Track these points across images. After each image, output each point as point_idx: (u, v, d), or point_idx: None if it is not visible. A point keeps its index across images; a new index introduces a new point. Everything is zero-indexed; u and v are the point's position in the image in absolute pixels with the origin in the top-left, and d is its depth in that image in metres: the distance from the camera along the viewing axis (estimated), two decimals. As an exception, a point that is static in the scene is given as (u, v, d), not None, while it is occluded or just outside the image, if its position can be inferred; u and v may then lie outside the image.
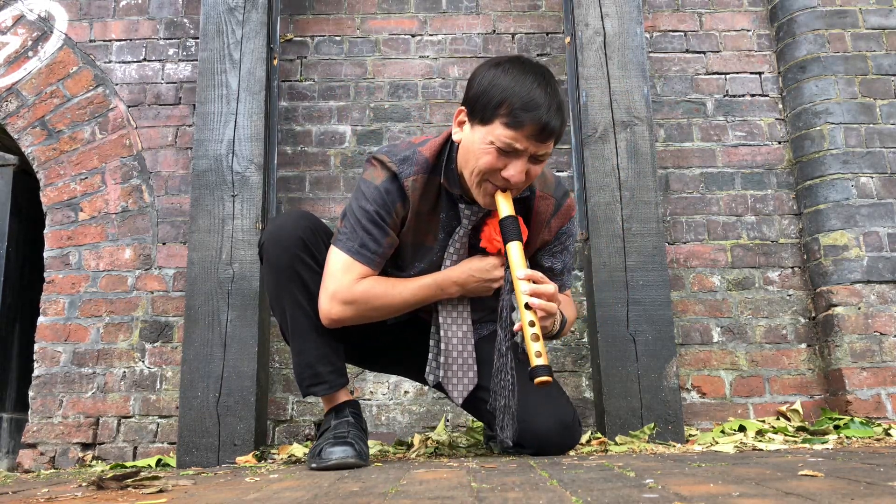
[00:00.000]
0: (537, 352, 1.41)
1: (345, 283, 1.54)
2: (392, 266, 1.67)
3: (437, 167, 1.58)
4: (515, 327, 1.47)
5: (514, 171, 1.45)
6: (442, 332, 1.65)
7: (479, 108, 1.47)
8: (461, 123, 1.54)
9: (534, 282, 1.46)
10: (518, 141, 1.43)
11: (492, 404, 1.55)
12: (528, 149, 1.44)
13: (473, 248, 1.64)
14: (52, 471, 2.21)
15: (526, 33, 2.73)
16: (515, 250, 1.49)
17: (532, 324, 1.43)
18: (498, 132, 1.43)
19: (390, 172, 1.56)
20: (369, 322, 1.61)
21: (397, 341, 1.77)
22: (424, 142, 1.61)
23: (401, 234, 1.62)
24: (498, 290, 1.63)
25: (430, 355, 1.68)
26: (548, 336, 1.55)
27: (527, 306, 1.44)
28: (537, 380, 1.40)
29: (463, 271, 1.60)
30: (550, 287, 1.47)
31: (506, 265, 1.54)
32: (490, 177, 1.49)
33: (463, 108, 1.53)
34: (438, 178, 1.58)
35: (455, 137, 1.55)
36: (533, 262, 1.70)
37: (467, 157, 1.51)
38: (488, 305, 1.74)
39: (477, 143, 1.47)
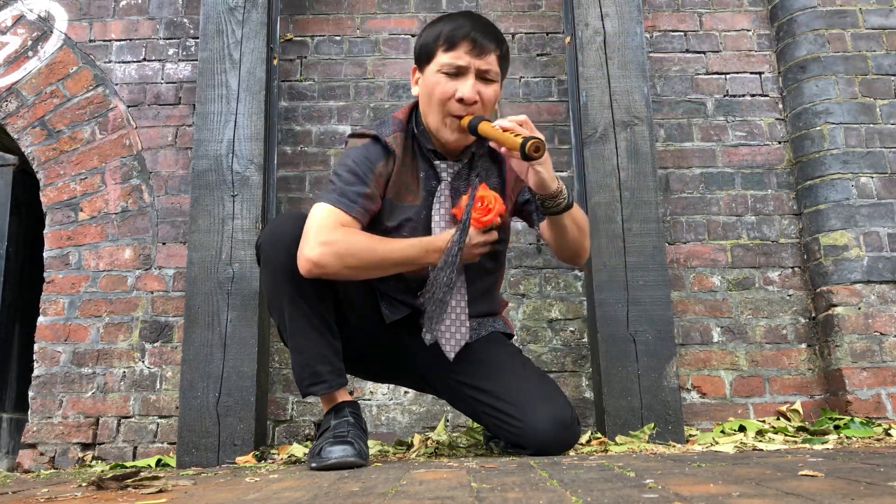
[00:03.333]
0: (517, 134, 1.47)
1: (325, 226, 1.53)
2: (377, 229, 1.66)
3: (411, 126, 1.69)
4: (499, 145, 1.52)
5: (464, 88, 1.58)
6: (430, 288, 1.63)
7: (422, 54, 1.66)
8: (416, 81, 1.69)
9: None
10: (459, 58, 1.59)
11: (425, 302, 1.62)
12: (470, 65, 1.59)
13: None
14: (52, 471, 2.21)
15: (526, 33, 2.73)
16: (486, 125, 1.56)
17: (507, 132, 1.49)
18: (441, 59, 1.61)
19: (370, 136, 1.65)
20: (350, 279, 1.57)
21: (392, 347, 1.76)
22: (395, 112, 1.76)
23: (385, 193, 1.64)
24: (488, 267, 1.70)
25: (425, 315, 1.65)
26: (557, 200, 1.58)
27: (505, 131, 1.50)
28: (529, 144, 1.43)
29: (446, 240, 1.59)
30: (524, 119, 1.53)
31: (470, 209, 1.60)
32: (448, 106, 1.60)
33: (415, 65, 1.70)
34: (413, 136, 1.68)
35: (414, 93, 1.70)
36: (515, 205, 1.78)
37: (425, 101, 1.64)
38: (486, 301, 1.74)
39: (429, 80, 1.62)
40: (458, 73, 1.59)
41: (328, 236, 1.51)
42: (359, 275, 1.57)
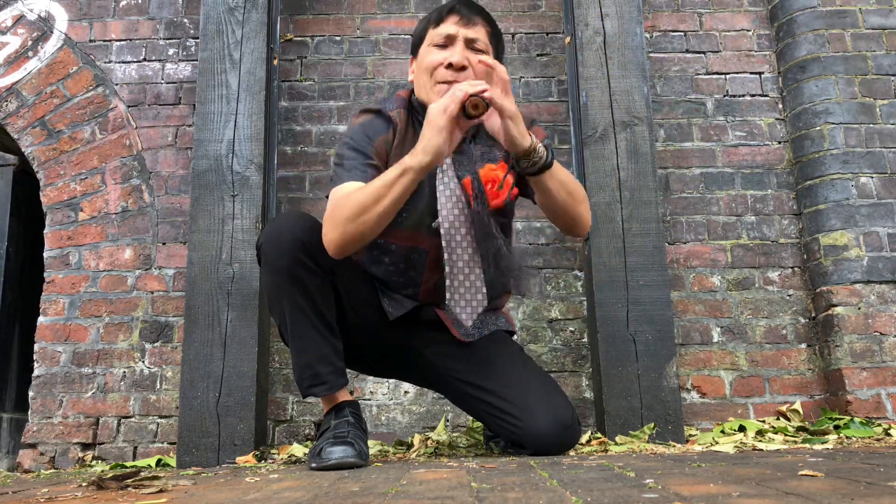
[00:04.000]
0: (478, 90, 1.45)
1: (332, 203, 1.56)
2: None
3: (413, 102, 1.73)
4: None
5: (454, 54, 1.62)
6: (447, 256, 1.67)
7: (415, 39, 1.73)
8: (413, 69, 1.74)
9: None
10: (447, 29, 1.64)
11: (491, 273, 1.65)
12: (458, 33, 1.63)
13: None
14: (52, 471, 2.21)
15: (526, 33, 2.73)
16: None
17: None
18: (431, 35, 1.67)
19: (374, 111, 1.70)
20: (370, 235, 1.53)
21: (395, 344, 1.76)
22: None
23: (388, 164, 1.62)
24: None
25: (445, 286, 1.68)
26: (533, 160, 1.51)
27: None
28: (468, 101, 1.43)
29: (415, 154, 1.49)
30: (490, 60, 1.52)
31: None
32: (438, 74, 1.63)
33: (412, 56, 1.75)
34: (414, 112, 1.72)
35: (410, 79, 1.75)
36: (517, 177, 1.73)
37: (419, 75, 1.68)
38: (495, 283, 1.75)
39: (421, 57, 1.68)
40: (447, 43, 1.64)
41: (329, 211, 1.55)
42: (372, 227, 1.50)
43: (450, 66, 1.61)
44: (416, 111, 1.71)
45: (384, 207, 1.48)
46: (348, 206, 1.50)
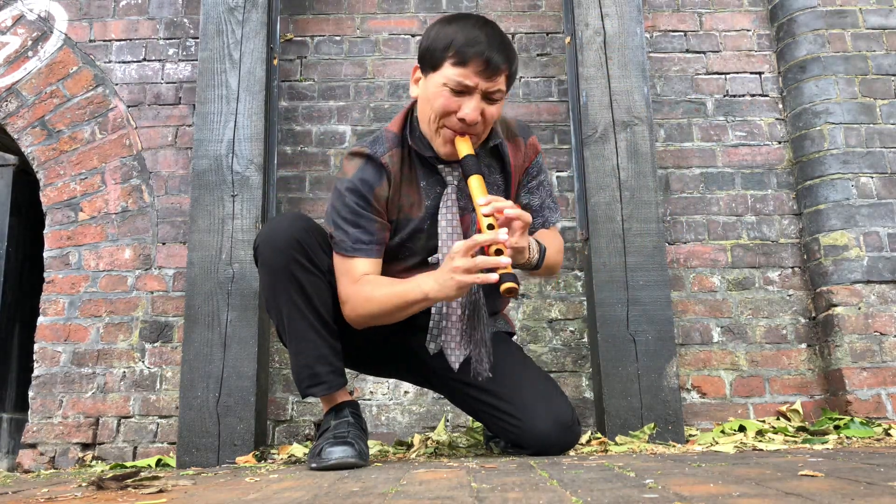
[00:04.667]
0: (504, 264, 1.40)
1: (347, 287, 1.59)
2: (389, 245, 1.67)
3: (405, 138, 1.64)
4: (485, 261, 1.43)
5: (468, 109, 1.51)
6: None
7: (428, 57, 1.56)
8: (417, 80, 1.62)
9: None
10: (467, 77, 1.50)
11: (451, 344, 1.63)
12: (478, 85, 1.51)
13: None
14: (52, 471, 2.21)
15: (526, 33, 2.73)
16: (476, 182, 1.52)
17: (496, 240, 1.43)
18: (448, 73, 1.52)
19: (364, 157, 1.62)
20: (390, 323, 1.61)
21: (394, 345, 1.76)
22: (389, 121, 1.70)
23: (388, 214, 1.64)
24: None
25: (430, 323, 1.67)
26: (527, 265, 1.59)
27: (490, 227, 1.45)
28: (503, 287, 1.38)
29: (434, 272, 1.55)
30: (511, 206, 1.47)
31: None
32: (446, 121, 1.55)
33: (417, 65, 1.61)
34: (408, 147, 1.64)
35: (413, 94, 1.63)
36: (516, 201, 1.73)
37: (424, 107, 1.58)
38: (492, 299, 1.74)
39: (431, 90, 1.55)
40: (463, 90, 1.52)
41: (345, 292, 1.58)
42: (385, 322, 1.60)
43: (462, 119, 1.53)
44: (413, 147, 1.63)
45: (402, 316, 1.58)
46: (369, 306, 1.56)
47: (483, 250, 1.45)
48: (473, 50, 1.49)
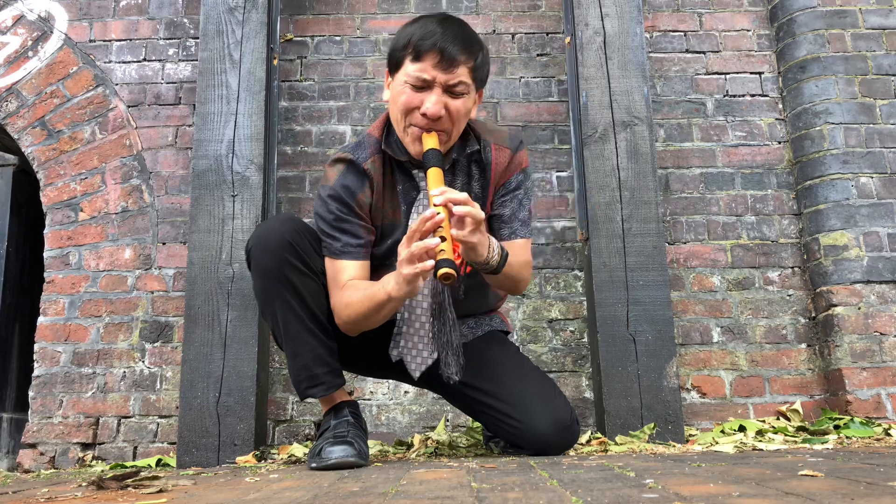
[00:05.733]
0: (440, 249, 1.36)
1: (335, 296, 1.59)
2: (375, 252, 1.66)
3: (382, 143, 1.64)
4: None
5: (429, 103, 1.51)
6: (406, 301, 1.62)
7: (392, 59, 1.59)
8: (388, 84, 1.62)
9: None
10: (425, 71, 1.51)
11: (437, 349, 1.61)
12: (436, 78, 1.51)
13: None
14: (52, 471, 2.21)
15: (526, 33, 2.73)
16: (433, 174, 1.50)
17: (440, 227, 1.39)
18: (408, 69, 1.53)
19: (346, 162, 1.62)
20: (376, 326, 1.59)
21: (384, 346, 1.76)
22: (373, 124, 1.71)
23: (372, 218, 1.64)
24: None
25: (394, 330, 1.66)
26: (486, 267, 1.53)
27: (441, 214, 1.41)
28: (439, 272, 1.34)
29: (392, 280, 1.49)
30: (466, 199, 1.43)
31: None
32: (411, 118, 1.55)
33: (387, 69, 1.63)
34: (386, 153, 1.63)
35: (384, 98, 1.64)
36: (491, 211, 1.70)
37: (393, 108, 1.59)
38: (480, 297, 1.74)
39: (396, 89, 1.56)
40: (424, 85, 1.52)
41: (333, 302, 1.58)
42: (368, 326, 1.58)
43: (424, 114, 1.52)
44: (390, 152, 1.62)
45: (380, 318, 1.56)
46: (348, 312, 1.55)
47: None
48: (428, 42, 1.51)
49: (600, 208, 2.24)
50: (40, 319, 2.45)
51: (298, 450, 2.02)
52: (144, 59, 2.68)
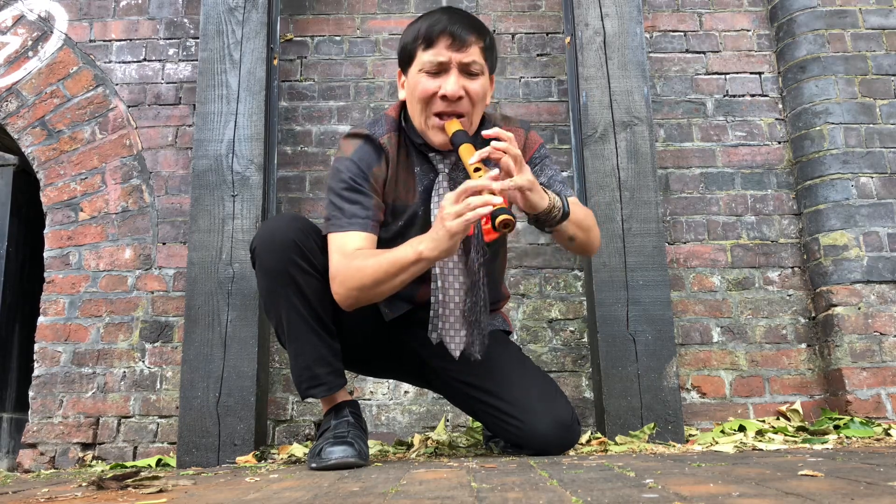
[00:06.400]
0: (494, 199, 1.35)
1: (339, 262, 1.53)
2: (385, 232, 1.65)
3: (401, 124, 1.67)
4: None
5: (448, 85, 1.54)
6: (440, 283, 1.61)
7: (403, 55, 1.63)
8: (402, 84, 1.66)
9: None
10: (439, 54, 1.54)
11: (466, 327, 1.60)
12: (451, 59, 1.55)
13: None
14: (52, 471, 2.21)
15: (526, 33, 2.73)
16: (465, 149, 1.49)
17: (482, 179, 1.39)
18: (422, 59, 1.57)
19: (363, 136, 1.63)
20: (374, 300, 1.57)
21: (392, 345, 1.76)
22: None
23: (384, 196, 1.63)
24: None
25: (430, 313, 1.63)
26: (550, 214, 1.50)
27: (476, 170, 1.43)
28: (498, 219, 1.33)
29: (430, 235, 1.47)
30: (505, 145, 1.42)
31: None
32: (432, 106, 1.57)
33: (399, 69, 1.67)
34: (404, 133, 1.65)
35: (401, 97, 1.67)
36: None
37: (411, 102, 1.61)
38: (492, 290, 1.73)
39: (412, 82, 1.59)
40: (440, 70, 1.55)
41: (336, 267, 1.53)
42: (376, 295, 1.53)
43: (444, 97, 1.54)
44: (408, 134, 1.65)
45: (395, 285, 1.50)
46: (360, 276, 1.49)
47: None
48: (438, 28, 1.54)
49: (600, 208, 2.24)
50: (40, 319, 2.45)
51: (298, 450, 2.02)
52: (144, 59, 2.68)
